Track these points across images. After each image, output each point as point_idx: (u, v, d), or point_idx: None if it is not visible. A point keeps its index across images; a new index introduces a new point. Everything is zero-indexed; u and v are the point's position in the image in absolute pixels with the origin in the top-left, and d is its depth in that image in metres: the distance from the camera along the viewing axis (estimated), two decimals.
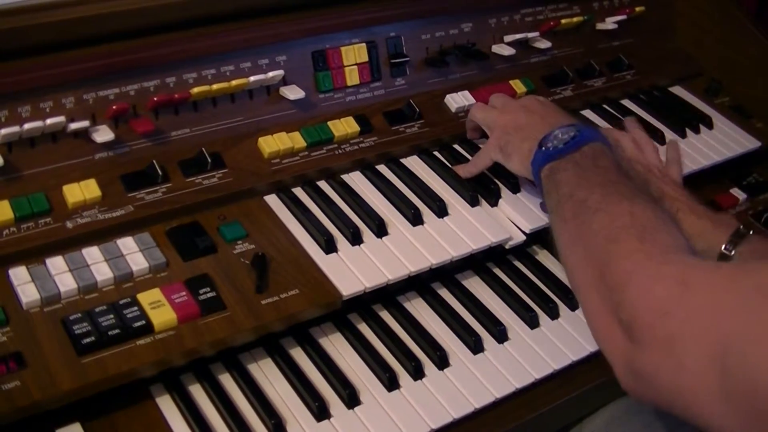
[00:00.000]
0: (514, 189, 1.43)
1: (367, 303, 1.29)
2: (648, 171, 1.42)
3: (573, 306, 1.35)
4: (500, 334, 1.28)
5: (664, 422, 1.34)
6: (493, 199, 1.41)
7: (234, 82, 1.33)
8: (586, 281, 1.04)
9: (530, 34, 1.67)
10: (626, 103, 1.76)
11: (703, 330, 0.83)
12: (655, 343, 0.89)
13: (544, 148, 1.25)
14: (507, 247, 1.37)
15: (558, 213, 1.15)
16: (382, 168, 1.44)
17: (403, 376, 1.20)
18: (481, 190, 1.41)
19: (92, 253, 1.15)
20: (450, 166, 1.46)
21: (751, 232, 1.26)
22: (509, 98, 1.50)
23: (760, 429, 0.77)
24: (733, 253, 1.24)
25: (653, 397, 0.93)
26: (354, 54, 1.48)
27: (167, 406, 1.11)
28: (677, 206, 1.33)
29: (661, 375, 0.88)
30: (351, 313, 1.28)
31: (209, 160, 1.29)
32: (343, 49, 1.47)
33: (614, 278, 0.97)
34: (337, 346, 1.23)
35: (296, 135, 1.37)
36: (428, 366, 1.22)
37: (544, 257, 1.45)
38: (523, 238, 1.37)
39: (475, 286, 1.37)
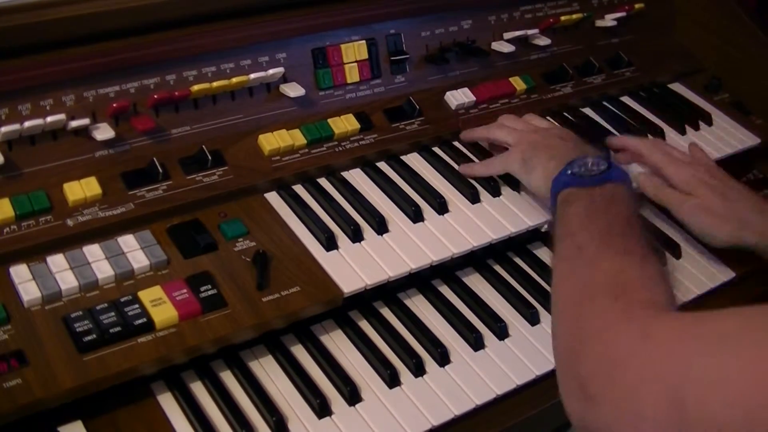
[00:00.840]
0: (515, 187, 1.43)
1: (368, 300, 1.29)
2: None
3: None
4: (501, 330, 1.28)
5: None
6: (494, 196, 1.41)
7: (234, 80, 1.33)
8: (559, 322, 1.04)
9: (530, 31, 1.67)
10: (626, 99, 1.77)
11: (662, 378, 0.82)
12: (613, 396, 0.87)
13: (570, 172, 1.22)
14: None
15: (558, 245, 1.14)
16: (382, 165, 1.44)
17: (404, 373, 1.20)
18: (482, 187, 1.41)
19: (93, 251, 1.15)
20: (450, 162, 1.46)
21: None
22: (542, 120, 1.52)
23: None
24: None
25: None
26: (354, 51, 1.48)
27: (169, 403, 1.11)
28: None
29: (619, 428, 0.86)
30: (352, 310, 1.28)
31: (210, 157, 1.29)
32: (343, 46, 1.47)
33: (580, 336, 0.96)
34: (338, 343, 1.24)
35: (296, 132, 1.38)
36: (429, 363, 1.22)
37: (544, 254, 1.45)
38: (527, 224, 1.37)
39: (476, 282, 1.38)
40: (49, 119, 1.18)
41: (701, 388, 0.78)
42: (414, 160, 1.47)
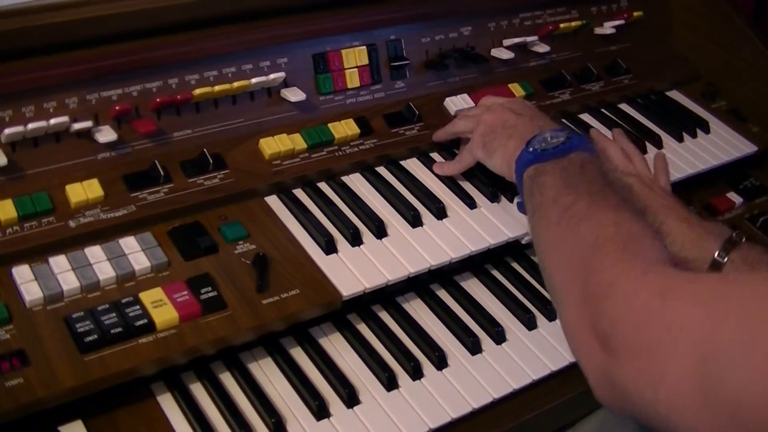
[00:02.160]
0: (512, 193, 1.44)
1: (366, 303, 1.30)
2: (638, 180, 1.41)
3: None
4: (498, 335, 1.29)
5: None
6: (492, 202, 1.42)
7: (235, 84, 1.34)
8: (565, 287, 1.03)
9: (529, 38, 1.68)
10: (624, 107, 1.77)
11: (681, 342, 0.82)
12: (633, 354, 0.87)
13: (531, 149, 1.23)
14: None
15: (541, 215, 1.14)
16: (381, 170, 1.45)
17: (402, 376, 1.21)
18: (480, 192, 1.42)
19: (95, 253, 1.16)
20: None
21: (744, 240, 1.25)
22: (496, 98, 1.50)
23: None
24: (725, 260, 1.23)
25: (629, 409, 0.91)
26: (354, 57, 1.49)
27: (168, 404, 1.12)
28: (668, 214, 1.32)
29: (638, 387, 0.87)
30: (350, 313, 1.29)
31: (211, 160, 1.30)
32: (343, 51, 1.48)
33: (595, 288, 0.96)
34: (336, 346, 1.24)
35: (297, 137, 1.38)
36: (427, 366, 1.23)
37: None
38: (525, 229, 1.38)
39: (474, 287, 1.38)
40: (52, 121, 1.19)
41: (725, 359, 0.77)
42: (413, 165, 1.47)
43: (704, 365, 0.79)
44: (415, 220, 1.34)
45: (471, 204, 1.40)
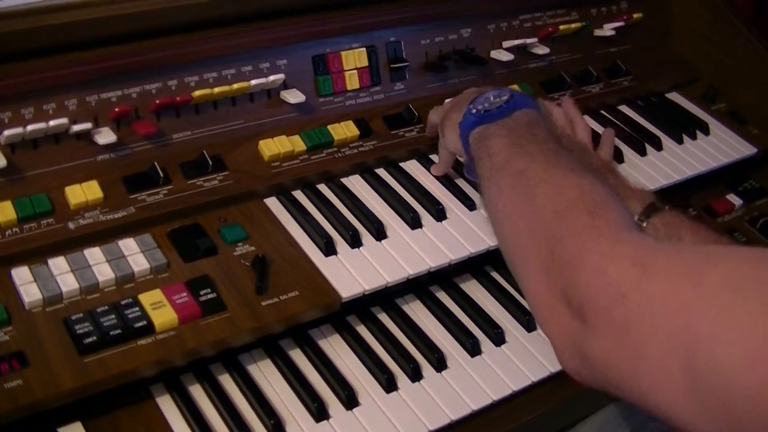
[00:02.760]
0: None
1: (365, 305, 1.30)
2: (579, 147, 1.35)
3: None
4: (497, 336, 1.29)
5: (656, 425, 1.35)
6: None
7: (235, 86, 1.34)
8: (528, 256, 0.98)
9: (529, 40, 1.68)
10: (623, 108, 1.78)
11: (664, 319, 0.77)
12: (610, 327, 0.82)
13: (474, 110, 1.18)
14: None
15: (492, 181, 1.08)
16: (381, 172, 1.45)
17: (401, 378, 1.21)
18: (479, 194, 1.42)
19: (94, 254, 1.16)
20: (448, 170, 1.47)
21: (667, 208, 1.20)
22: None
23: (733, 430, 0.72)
24: (645, 224, 1.19)
25: (604, 384, 0.87)
26: (354, 58, 1.49)
27: (167, 405, 1.12)
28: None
29: (615, 361, 0.83)
30: (350, 315, 1.29)
31: (210, 162, 1.30)
32: (343, 53, 1.48)
33: (564, 256, 0.90)
34: (336, 348, 1.24)
35: (296, 138, 1.38)
36: (426, 368, 1.23)
37: None
38: None
39: (473, 289, 1.39)
40: (51, 123, 1.19)
41: (714, 345, 0.73)
42: (413, 167, 1.47)
43: (688, 350, 0.75)
44: (414, 222, 1.34)
45: (470, 206, 1.40)
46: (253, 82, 1.35)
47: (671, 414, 0.78)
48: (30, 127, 1.17)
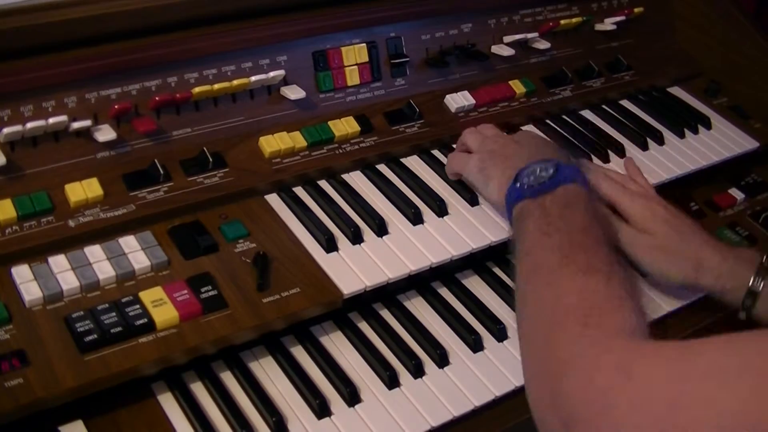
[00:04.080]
0: None
1: (367, 302, 1.30)
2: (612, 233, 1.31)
3: None
4: (500, 332, 1.29)
5: None
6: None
7: (235, 82, 1.33)
8: (528, 353, 0.99)
9: (530, 35, 1.68)
10: (625, 103, 1.77)
11: (650, 422, 0.77)
12: None
13: (518, 184, 1.18)
14: None
15: (519, 266, 1.09)
16: (382, 168, 1.45)
17: (404, 375, 1.21)
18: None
19: (94, 252, 1.15)
20: None
21: None
22: (501, 132, 1.46)
23: None
24: (761, 288, 1.21)
25: None
26: (354, 54, 1.49)
27: (169, 403, 1.12)
28: (704, 244, 1.28)
29: None
30: (352, 311, 1.28)
31: (210, 159, 1.29)
32: (343, 49, 1.47)
33: (554, 365, 0.91)
34: (337, 345, 1.24)
35: (297, 135, 1.38)
36: (428, 364, 1.23)
37: None
38: None
39: (475, 285, 1.38)
40: (51, 120, 1.18)
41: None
42: (414, 163, 1.47)
43: None
44: (416, 218, 1.34)
45: (472, 201, 1.39)
46: (254, 78, 1.35)
47: None
48: (29, 125, 1.17)
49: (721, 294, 1.28)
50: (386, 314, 1.30)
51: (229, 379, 1.16)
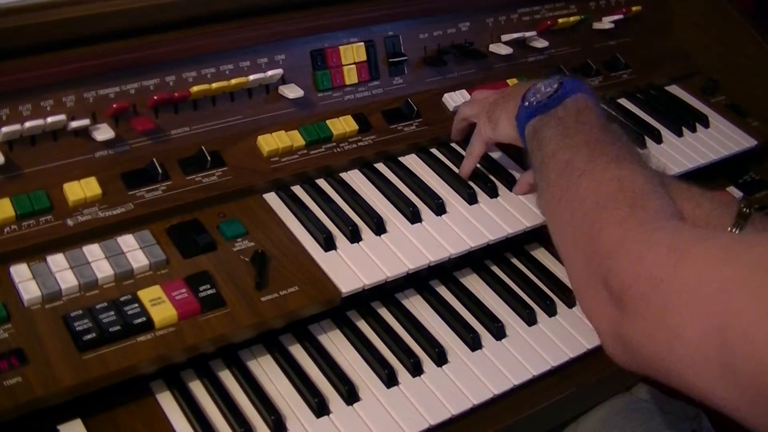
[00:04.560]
0: (512, 186, 1.43)
1: (366, 300, 1.30)
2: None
3: (570, 303, 1.36)
4: (498, 331, 1.29)
5: (659, 420, 1.35)
6: (491, 197, 1.41)
7: (233, 81, 1.33)
8: (572, 246, 1.02)
9: (527, 34, 1.68)
10: (623, 101, 1.77)
11: (700, 301, 0.80)
12: (649, 312, 0.86)
13: (527, 103, 1.22)
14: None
15: (542, 174, 1.12)
16: (380, 166, 1.45)
17: (402, 373, 1.21)
18: (479, 188, 1.42)
19: (93, 251, 1.15)
20: (448, 164, 1.47)
21: (752, 212, 1.20)
22: (485, 92, 1.49)
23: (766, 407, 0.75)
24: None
25: (643, 367, 0.91)
26: (352, 53, 1.49)
27: (168, 402, 1.12)
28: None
29: (653, 344, 0.86)
30: (350, 310, 1.29)
31: (209, 158, 1.29)
32: (341, 48, 1.47)
33: (604, 245, 0.94)
34: (336, 343, 1.24)
35: (295, 133, 1.38)
36: (427, 363, 1.23)
37: (541, 255, 1.46)
38: (525, 225, 1.37)
39: (474, 283, 1.38)
40: (49, 120, 1.18)
41: (746, 323, 0.75)
42: (412, 162, 1.47)
43: (723, 328, 0.77)
44: (414, 217, 1.34)
45: (471, 200, 1.39)
46: (252, 77, 1.35)
47: (708, 393, 0.81)
48: (28, 124, 1.17)
49: None
50: (384, 313, 1.30)
51: (227, 378, 1.16)
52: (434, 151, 1.50)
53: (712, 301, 0.79)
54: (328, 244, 1.26)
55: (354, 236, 1.28)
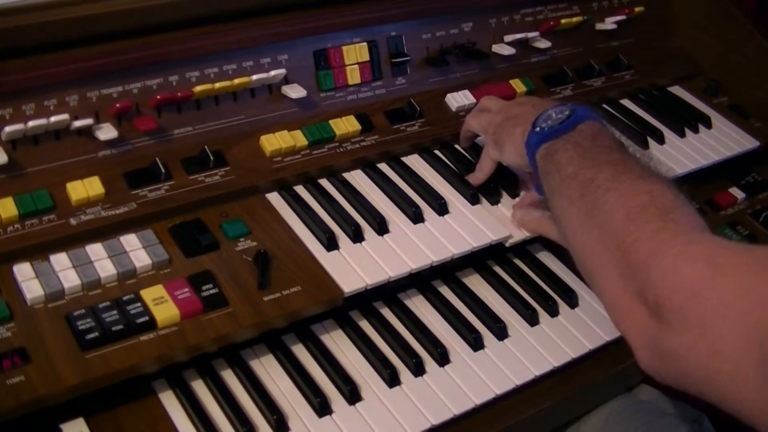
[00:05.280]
0: (514, 188, 1.44)
1: (368, 300, 1.30)
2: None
3: (572, 304, 1.36)
4: (500, 331, 1.29)
5: (661, 421, 1.35)
6: (494, 198, 1.41)
7: (236, 81, 1.33)
8: (601, 262, 1.01)
9: (530, 34, 1.68)
10: (625, 102, 1.77)
11: (738, 315, 0.80)
12: (687, 325, 0.86)
13: (538, 129, 1.21)
14: (507, 245, 1.37)
15: (562, 194, 1.11)
16: (383, 166, 1.45)
17: (404, 373, 1.21)
18: (482, 188, 1.42)
19: (96, 250, 1.16)
20: (450, 164, 1.47)
21: None
22: (501, 100, 1.47)
23: None
24: None
25: (681, 380, 0.91)
26: (355, 53, 1.49)
27: (170, 401, 1.12)
28: None
29: (692, 358, 0.86)
30: (352, 309, 1.29)
31: (212, 158, 1.29)
32: (344, 48, 1.47)
33: (638, 258, 0.94)
34: (338, 343, 1.24)
35: (298, 133, 1.38)
36: (429, 363, 1.23)
37: (544, 256, 1.46)
38: (525, 235, 1.38)
39: (476, 283, 1.38)
40: (52, 119, 1.18)
41: None
42: (415, 162, 1.47)
43: (762, 341, 0.77)
44: (416, 217, 1.34)
45: (473, 200, 1.39)
46: (255, 77, 1.35)
47: (746, 409, 0.81)
48: (31, 124, 1.17)
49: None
50: (387, 312, 1.30)
51: (229, 377, 1.16)
52: (437, 151, 1.50)
53: (750, 314, 0.79)
54: (331, 244, 1.26)
55: (356, 236, 1.28)
